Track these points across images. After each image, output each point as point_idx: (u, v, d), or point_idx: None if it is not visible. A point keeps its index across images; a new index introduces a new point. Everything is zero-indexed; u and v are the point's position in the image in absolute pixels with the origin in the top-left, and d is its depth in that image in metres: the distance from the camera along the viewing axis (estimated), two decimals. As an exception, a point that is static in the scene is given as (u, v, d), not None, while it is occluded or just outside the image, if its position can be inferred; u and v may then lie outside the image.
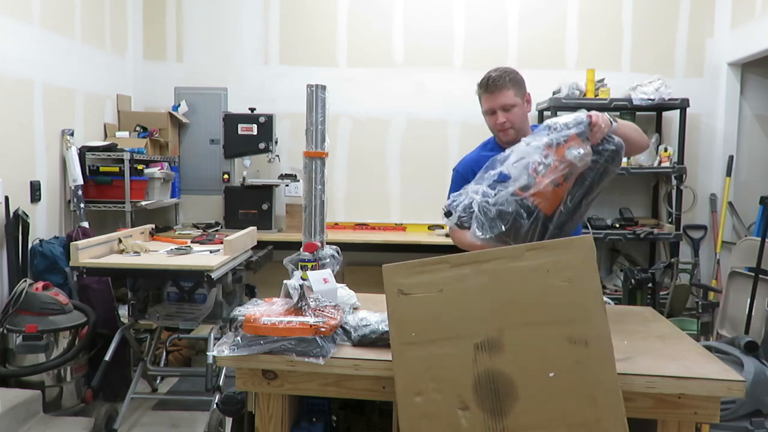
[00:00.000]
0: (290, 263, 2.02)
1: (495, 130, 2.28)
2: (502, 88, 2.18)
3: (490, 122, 2.27)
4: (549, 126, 1.80)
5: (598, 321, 1.37)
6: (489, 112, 2.23)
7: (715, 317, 3.73)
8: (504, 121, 2.20)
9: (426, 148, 4.65)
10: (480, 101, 2.27)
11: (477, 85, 2.25)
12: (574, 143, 1.74)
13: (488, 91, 2.20)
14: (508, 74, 2.21)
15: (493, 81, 2.18)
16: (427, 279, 1.44)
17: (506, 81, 2.19)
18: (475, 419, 1.35)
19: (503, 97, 2.19)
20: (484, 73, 2.24)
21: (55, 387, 3.08)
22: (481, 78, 2.24)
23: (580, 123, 1.76)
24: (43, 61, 3.58)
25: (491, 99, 2.20)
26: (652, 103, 4.12)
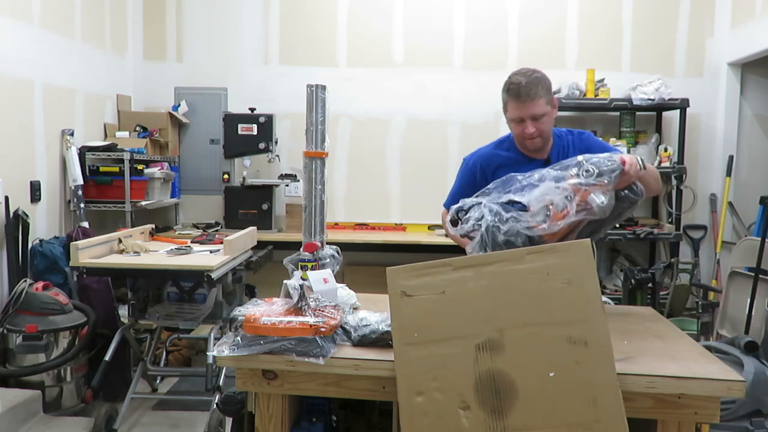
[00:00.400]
0: (290, 263, 2.02)
1: (520, 138, 2.14)
2: (535, 97, 2.02)
3: (517, 130, 2.12)
4: (581, 165, 1.73)
5: (597, 322, 1.38)
6: (517, 121, 2.08)
7: (715, 317, 3.73)
8: (533, 131, 2.06)
9: (426, 148, 4.65)
10: (505, 107, 2.12)
11: (504, 91, 2.09)
12: (600, 189, 1.71)
13: (519, 99, 2.03)
14: (540, 81, 2.05)
15: (526, 89, 2.01)
16: (430, 281, 1.45)
17: (539, 89, 2.03)
18: (476, 419, 1.35)
19: (535, 106, 2.03)
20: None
21: (55, 387, 3.08)
22: (509, 82, 2.08)
23: (613, 172, 1.71)
24: (43, 61, 3.58)
25: (521, 108, 2.04)
26: (652, 103, 4.12)
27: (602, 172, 1.72)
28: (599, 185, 1.71)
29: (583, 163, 1.73)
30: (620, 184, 1.75)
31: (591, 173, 1.72)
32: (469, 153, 2.37)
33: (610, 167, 1.73)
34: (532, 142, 2.12)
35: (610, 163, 1.73)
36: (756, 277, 3.29)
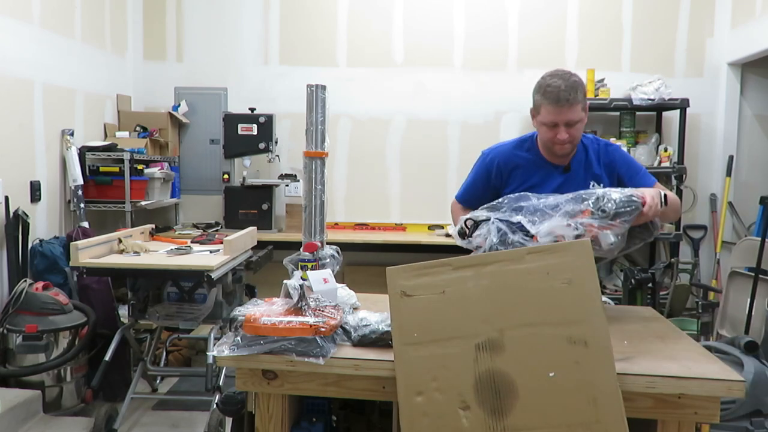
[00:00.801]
0: (290, 263, 2.02)
1: (550, 144, 2.07)
2: (573, 103, 1.95)
3: (548, 135, 2.04)
4: (598, 202, 1.69)
5: (597, 322, 1.38)
6: (550, 125, 2.01)
7: (715, 317, 3.73)
8: (566, 137, 2.00)
9: (426, 148, 4.65)
10: (537, 109, 2.05)
11: (540, 93, 2.01)
12: (613, 229, 1.69)
13: (558, 104, 1.95)
14: (578, 86, 1.98)
15: (565, 93, 1.94)
16: (430, 281, 1.45)
17: (577, 94, 1.95)
18: (476, 419, 1.35)
19: (572, 112, 1.96)
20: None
21: (55, 387, 3.08)
22: (546, 84, 2.00)
23: (630, 214, 1.68)
24: (43, 61, 3.58)
25: (558, 113, 1.97)
26: (652, 103, 4.12)
27: (618, 214, 1.69)
28: (613, 226, 1.68)
29: (601, 200, 1.69)
30: (636, 221, 1.72)
31: (606, 214, 1.68)
32: (486, 151, 2.32)
33: (628, 209, 1.69)
34: (562, 148, 2.07)
35: (629, 205, 1.69)
36: (756, 277, 3.29)
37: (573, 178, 2.16)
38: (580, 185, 2.13)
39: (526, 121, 4.56)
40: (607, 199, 1.70)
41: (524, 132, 4.51)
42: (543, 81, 2.03)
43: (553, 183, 2.17)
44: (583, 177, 2.16)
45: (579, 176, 2.16)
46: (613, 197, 1.70)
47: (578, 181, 2.15)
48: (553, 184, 2.16)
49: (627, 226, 1.71)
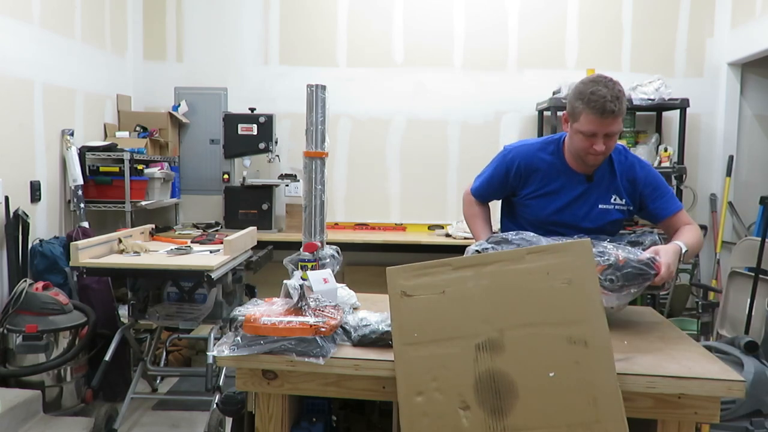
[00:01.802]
0: (290, 263, 2.02)
1: (584, 153, 1.98)
2: (618, 115, 1.88)
3: (584, 144, 1.95)
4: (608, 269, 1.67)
5: (597, 322, 1.38)
6: (588, 135, 1.92)
7: (715, 317, 3.73)
8: (603, 149, 1.93)
9: (426, 148, 4.65)
10: (576, 116, 1.95)
11: (582, 101, 1.90)
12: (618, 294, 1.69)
13: (603, 115, 1.87)
14: (622, 96, 1.89)
15: (612, 104, 1.85)
16: (430, 281, 1.45)
17: (622, 105, 1.88)
18: (476, 419, 1.35)
19: (615, 124, 1.89)
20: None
21: (55, 387, 3.08)
22: (589, 92, 1.89)
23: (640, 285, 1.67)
24: (43, 61, 3.58)
25: (600, 124, 1.89)
26: (652, 103, 4.12)
27: (627, 285, 1.68)
28: (618, 292, 1.68)
29: (612, 267, 1.67)
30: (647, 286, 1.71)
31: (615, 283, 1.67)
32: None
33: (639, 281, 1.67)
34: (595, 159, 2.00)
35: (640, 276, 1.67)
36: (756, 277, 3.29)
37: (594, 189, 2.12)
38: (601, 197, 2.11)
39: (526, 121, 4.56)
40: (619, 267, 1.68)
41: (524, 132, 4.55)
42: (585, 87, 1.92)
43: (574, 192, 2.12)
44: (605, 189, 2.12)
45: (601, 188, 2.12)
46: (628, 266, 1.68)
47: (599, 193, 2.12)
48: (574, 193, 2.11)
49: (633, 295, 1.70)
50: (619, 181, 2.11)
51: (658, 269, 1.70)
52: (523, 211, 2.21)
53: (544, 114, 4.41)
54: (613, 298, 1.68)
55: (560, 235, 2.08)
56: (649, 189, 2.12)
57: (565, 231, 2.10)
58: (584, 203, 2.12)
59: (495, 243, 1.86)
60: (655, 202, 2.12)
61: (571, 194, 2.11)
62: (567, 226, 2.12)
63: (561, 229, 2.11)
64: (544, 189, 2.13)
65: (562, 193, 2.12)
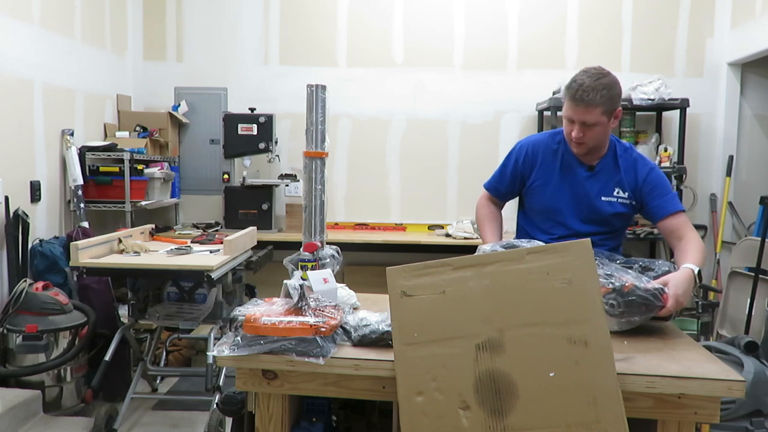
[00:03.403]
0: (290, 263, 2.02)
1: (568, 138, 2.10)
2: (590, 105, 1.94)
3: (567, 129, 2.07)
4: (612, 293, 1.65)
5: (597, 322, 1.38)
6: (568, 119, 2.04)
7: (715, 317, 3.73)
8: (580, 136, 2.00)
9: (426, 148, 4.65)
10: (564, 101, 2.07)
11: (566, 85, 2.02)
12: (618, 319, 1.68)
13: (575, 102, 1.96)
14: (603, 88, 1.95)
15: (585, 94, 1.93)
16: (430, 281, 1.45)
17: (597, 98, 1.94)
18: (476, 419, 1.35)
19: (587, 113, 1.96)
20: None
21: (55, 387, 3.08)
22: (573, 79, 2.00)
23: (642, 314, 1.66)
24: (43, 61, 3.58)
25: (574, 110, 1.98)
26: (652, 103, 4.12)
27: (629, 313, 1.67)
28: (619, 318, 1.67)
29: (616, 291, 1.66)
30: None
31: (615, 308, 1.66)
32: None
33: (642, 311, 1.66)
34: (578, 147, 2.08)
35: (644, 306, 1.66)
36: (756, 277, 3.29)
37: (596, 180, 2.16)
38: (604, 189, 2.15)
39: (526, 121, 4.56)
40: (625, 293, 1.66)
41: (524, 132, 4.55)
42: (576, 74, 2.02)
43: (575, 179, 2.17)
44: (608, 181, 2.16)
45: (603, 180, 2.16)
46: (636, 293, 1.66)
47: (602, 184, 2.16)
48: (575, 180, 2.17)
49: (634, 324, 1.69)
50: (623, 175, 2.15)
51: (665, 301, 1.68)
52: (532, 200, 2.26)
53: (544, 114, 4.40)
54: (612, 323, 1.66)
55: (567, 227, 2.15)
56: (649, 187, 2.15)
57: (572, 223, 2.16)
58: (586, 193, 2.16)
59: (506, 248, 1.86)
60: (655, 200, 2.14)
61: (572, 181, 2.16)
62: (571, 217, 2.17)
63: (566, 219, 2.16)
64: (549, 175, 2.19)
65: (566, 183, 2.17)
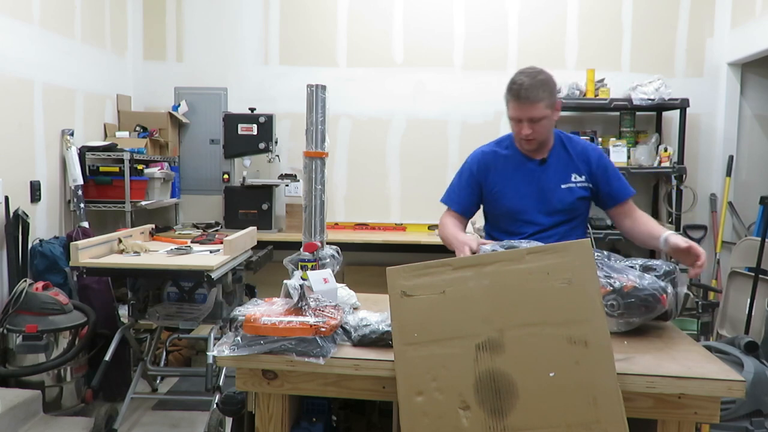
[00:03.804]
0: (290, 263, 2.02)
1: (517, 138, 2.19)
2: (535, 100, 2.04)
3: (514, 129, 2.16)
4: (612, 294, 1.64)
5: (597, 322, 1.38)
6: (515, 120, 2.12)
7: (715, 317, 3.73)
8: (530, 132, 2.10)
9: (426, 148, 4.65)
10: (506, 104, 2.15)
11: (507, 89, 2.11)
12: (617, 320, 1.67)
13: (519, 100, 2.06)
14: (543, 84, 2.06)
15: (527, 91, 2.03)
16: (430, 281, 1.45)
17: (539, 92, 2.04)
18: (476, 419, 1.35)
19: (533, 109, 2.06)
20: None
21: (55, 387, 3.08)
22: (512, 81, 2.09)
23: (642, 314, 1.64)
24: (43, 61, 3.58)
25: (520, 109, 2.07)
26: (652, 103, 4.12)
27: (629, 313, 1.66)
28: (617, 319, 1.66)
29: (616, 292, 1.65)
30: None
31: (615, 308, 1.65)
32: (470, 153, 2.40)
33: (644, 311, 1.64)
34: (527, 143, 2.17)
35: (644, 307, 1.64)
36: (756, 277, 3.29)
37: (551, 171, 2.25)
38: (561, 177, 2.24)
39: (526, 121, 4.56)
40: (621, 295, 1.65)
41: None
42: (513, 77, 2.11)
43: (531, 176, 2.24)
44: (563, 169, 2.25)
45: (558, 169, 2.25)
46: (627, 300, 1.65)
47: (558, 174, 2.25)
48: (531, 177, 2.24)
49: (633, 325, 1.68)
50: (576, 161, 2.25)
51: (663, 302, 1.67)
52: (494, 207, 2.31)
53: (544, 114, 4.40)
54: (612, 324, 1.66)
55: (535, 224, 2.22)
56: (602, 170, 2.26)
57: (539, 218, 2.22)
58: (545, 186, 2.24)
59: (506, 249, 1.87)
60: (611, 184, 2.26)
61: (529, 177, 2.24)
62: (535, 212, 2.23)
63: (531, 216, 2.22)
64: (506, 178, 2.26)
65: (522, 180, 2.24)
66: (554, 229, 2.23)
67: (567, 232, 2.23)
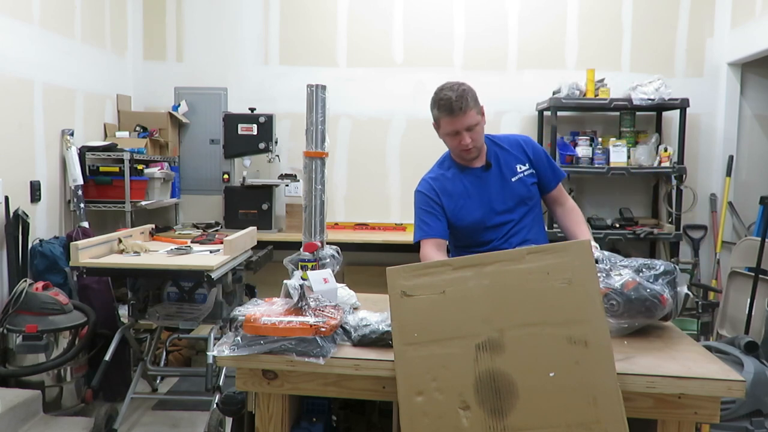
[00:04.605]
0: (290, 263, 2.02)
1: (458, 151, 2.23)
2: (466, 110, 2.11)
3: (453, 143, 2.20)
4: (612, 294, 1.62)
5: (597, 321, 1.38)
6: (452, 134, 2.17)
7: (715, 317, 3.73)
8: (469, 141, 2.15)
9: (426, 148, 4.60)
10: (438, 123, 2.20)
11: (435, 108, 2.16)
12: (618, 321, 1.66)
13: (453, 114, 2.11)
14: (467, 93, 2.13)
15: (457, 103, 2.09)
16: (430, 281, 1.45)
17: (468, 101, 2.11)
18: (476, 419, 1.35)
19: (467, 118, 2.12)
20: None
21: (55, 387, 3.08)
22: (438, 98, 2.14)
23: (642, 313, 1.63)
24: (43, 61, 3.58)
25: (456, 121, 2.12)
26: (652, 103, 4.12)
27: (629, 312, 1.64)
28: (618, 319, 1.65)
29: (615, 292, 1.64)
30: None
31: (615, 308, 1.64)
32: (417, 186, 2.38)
33: (646, 312, 1.62)
34: (469, 153, 2.21)
35: (644, 307, 1.62)
36: (756, 277, 3.29)
37: (496, 171, 2.29)
38: (507, 172, 2.29)
39: (526, 121, 4.56)
40: (626, 293, 1.64)
41: (525, 132, 4.54)
42: (436, 96, 2.16)
43: (481, 184, 2.28)
44: (506, 165, 2.30)
45: (501, 166, 2.30)
46: (638, 292, 1.63)
47: (504, 170, 2.29)
48: (483, 184, 2.28)
49: (633, 328, 1.67)
50: (514, 152, 2.31)
51: (663, 302, 1.67)
52: (460, 223, 2.30)
53: (544, 114, 4.40)
54: (613, 324, 1.65)
55: (505, 224, 2.27)
56: (537, 157, 2.33)
57: (502, 218, 2.27)
58: (498, 187, 2.27)
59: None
60: (545, 170, 2.33)
61: (480, 186, 2.28)
62: (500, 213, 2.27)
63: (498, 218, 2.26)
64: (461, 196, 2.28)
65: (476, 190, 2.28)
66: (524, 219, 2.28)
67: (533, 220, 2.31)
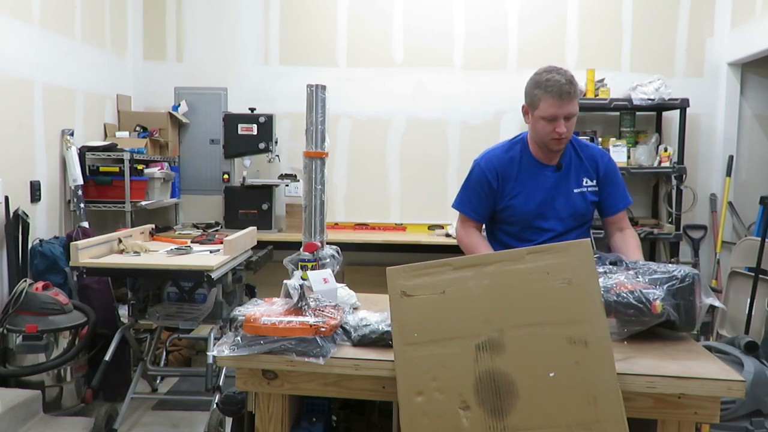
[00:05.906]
0: (290, 263, 2.02)
1: (548, 138, 2.10)
2: (573, 97, 2.03)
3: (547, 129, 2.07)
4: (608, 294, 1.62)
5: (597, 321, 1.38)
6: (550, 119, 2.05)
7: (715, 317, 3.73)
8: (565, 130, 2.05)
9: (426, 148, 4.65)
10: (536, 103, 2.07)
11: (540, 88, 2.04)
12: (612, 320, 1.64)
13: (561, 97, 2.01)
14: (575, 81, 2.05)
15: (567, 87, 2.01)
16: (430, 281, 1.45)
17: (575, 90, 2.03)
18: (476, 419, 1.35)
19: (573, 105, 2.04)
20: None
21: (55, 387, 3.08)
22: (546, 79, 2.04)
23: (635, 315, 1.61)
24: (43, 61, 3.58)
25: (560, 106, 2.02)
26: (652, 103, 4.12)
27: (618, 312, 1.62)
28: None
29: (612, 296, 1.62)
30: None
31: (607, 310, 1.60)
32: (478, 154, 2.33)
33: (633, 317, 1.61)
34: (559, 143, 2.11)
35: (636, 310, 1.62)
36: (756, 277, 3.29)
37: (565, 176, 2.22)
38: (573, 182, 2.22)
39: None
40: (621, 295, 1.62)
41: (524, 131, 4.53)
42: (540, 77, 2.07)
43: (547, 182, 2.22)
44: (575, 174, 2.23)
45: (570, 174, 2.23)
46: (630, 295, 1.62)
47: (571, 179, 2.23)
48: (547, 184, 2.21)
49: (625, 333, 1.65)
50: (587, 164, 2.24)
51: (654, 309, 1.65)
52: (507, 214, 2.25)
53: (544, 114, 4.40)
54: (612, 330, 1.62)
55: (548, 231, 2.20)
56: (609, 177, 2.26)
57: (553, 225, 2.20)
58: (560, 192, 2.21)
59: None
60: (612, 192, 2.26)
61: (546, 185, 2.21)
62: (550, 218, 2.21)
63: (545, 223, 2.20)
64: (521, 186, 2.22)
65: (538, 187, 2.21)
66: (566, 234, 2.20)
67: (578, 237, 2.19)
